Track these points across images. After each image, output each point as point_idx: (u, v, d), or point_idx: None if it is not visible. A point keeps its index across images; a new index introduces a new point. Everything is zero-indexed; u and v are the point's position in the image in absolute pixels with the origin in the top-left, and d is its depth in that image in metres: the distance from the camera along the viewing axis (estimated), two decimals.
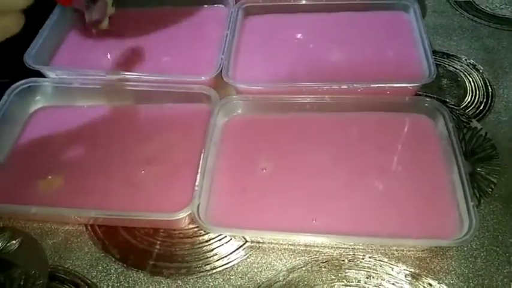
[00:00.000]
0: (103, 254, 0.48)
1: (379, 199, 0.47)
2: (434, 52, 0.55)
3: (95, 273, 0.47)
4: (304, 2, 0.66)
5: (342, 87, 0.54)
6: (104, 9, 0.56)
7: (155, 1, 0.69)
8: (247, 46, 0.62)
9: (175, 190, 0.49)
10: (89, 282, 0.46)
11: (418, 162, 0.49)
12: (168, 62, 0.62)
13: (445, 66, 0.62)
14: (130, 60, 0.62)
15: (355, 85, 0.54)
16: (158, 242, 0.48)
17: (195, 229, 0.49)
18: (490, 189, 0.49)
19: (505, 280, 0.43)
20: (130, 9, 0.69)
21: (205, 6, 0.68)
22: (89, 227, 0.50)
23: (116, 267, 0.47)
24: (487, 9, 0.70)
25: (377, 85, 0.54)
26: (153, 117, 0.57)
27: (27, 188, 0.52)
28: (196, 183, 0.47)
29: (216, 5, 0.68)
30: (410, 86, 0.55)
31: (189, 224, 0.50)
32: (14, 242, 0.50)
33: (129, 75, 0.58)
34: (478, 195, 0.49)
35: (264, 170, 0.50)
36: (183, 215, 0.45)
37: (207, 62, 0.60)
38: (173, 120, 0.56)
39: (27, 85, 0.58)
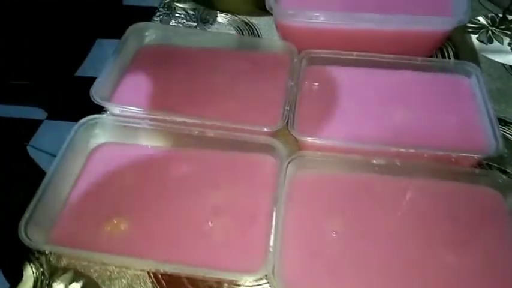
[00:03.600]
0: None
1: (452, 275, 0.47)
2: None
3: None
4: (366, 58, 0.66)
5: (410, 151, 0.54)
6: None
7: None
8: (311, 98, 0.63)
9: (245, 247, 0.49)
10: None
11: (489, 237, 0.49)
12: (231, 107, 0.62)
13: (504, 135, 0.62)
14: (192, 103, 0.62)
15: (422, 150, 0.55)
16: None
17: (258, 286, 0.49)
18: None
19: None
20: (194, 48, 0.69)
21: (268, 52, 0.69)
22: (152, 275, 0.50)
23: None
24: None
25: (444, 153, 0.54)
26: (218, 164, 0.57)
27: (91, 230, 0.51)
28: (271, 244, 0.46)
29: (278, 52, 0.68)
30: (476, 157, 0.55)
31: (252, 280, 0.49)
32: (75, 284, 0.49)
33: (192, 119, 0.57)
34: None
35: (334, 234, 0.50)
36: (259, 275, 0.45)
37: (269, 112, 0.60)
38: (238, 170, 0.56)
39: (94, 121, 0.58)
